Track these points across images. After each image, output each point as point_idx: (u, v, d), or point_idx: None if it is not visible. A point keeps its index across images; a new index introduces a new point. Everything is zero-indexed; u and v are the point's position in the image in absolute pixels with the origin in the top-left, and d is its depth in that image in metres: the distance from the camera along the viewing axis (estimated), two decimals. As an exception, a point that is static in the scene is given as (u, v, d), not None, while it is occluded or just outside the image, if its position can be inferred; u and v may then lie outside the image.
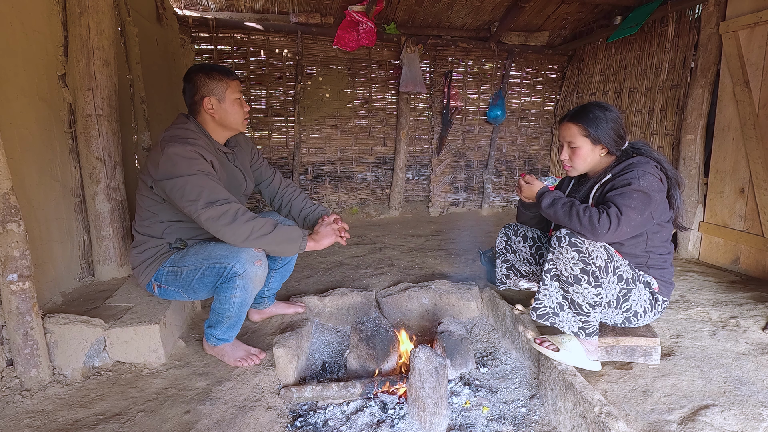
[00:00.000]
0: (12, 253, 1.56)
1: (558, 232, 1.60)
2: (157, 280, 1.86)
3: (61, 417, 1.52)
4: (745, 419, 1.47)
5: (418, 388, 1.57)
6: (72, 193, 2.21)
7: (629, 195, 1.55)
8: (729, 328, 2.09)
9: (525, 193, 1.83)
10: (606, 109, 1.70)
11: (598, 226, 1.51)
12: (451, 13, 4.34)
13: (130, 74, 2.82)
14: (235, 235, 1.65)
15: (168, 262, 1.85)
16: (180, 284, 1.82)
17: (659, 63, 3.67)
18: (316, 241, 1.82)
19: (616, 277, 1.60)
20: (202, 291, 1.82)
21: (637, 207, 1.53)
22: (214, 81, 1.79)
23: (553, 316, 1.68)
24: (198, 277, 1.77)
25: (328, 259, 3.22)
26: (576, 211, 1.57)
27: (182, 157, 1.67)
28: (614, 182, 1.63)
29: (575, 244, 1.54)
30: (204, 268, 1.75)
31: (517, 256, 2.10)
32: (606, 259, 1.56)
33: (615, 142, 1.70)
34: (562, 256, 1.56)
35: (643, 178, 1.58)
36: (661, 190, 1.61)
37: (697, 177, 3.22)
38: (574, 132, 1.72)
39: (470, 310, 2.45)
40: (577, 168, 1.77)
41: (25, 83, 1.90)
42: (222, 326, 1.82)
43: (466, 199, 5.10)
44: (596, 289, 1.56)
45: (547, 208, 1.69)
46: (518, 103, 5.04)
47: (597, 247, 1.55)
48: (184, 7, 3.99)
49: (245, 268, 1.70)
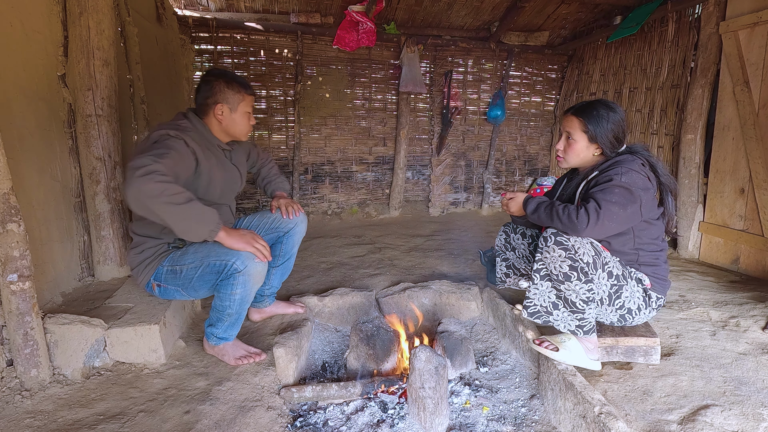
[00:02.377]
0: (12, 253, 1.56)
1: (545, 232, 1.63)
2: (157, 280, 1.86)
3: (61, 417, 1.52)
4: (745, 419, 1.47)
5: (418, 388, 1.57)
6: (72, 193, 2.21)
7: (610, 190, 1.57)
8: (729, 327, 2.09)
9: (512, 208, 1.86)
10: (612, 109, 1.70)
11: (576, 222, 1.54)
12: (451, 13, 4.33)
13: (130, 74, 2.82)
14: (142, 190, 1.49)
15: (167, 260, 1.84)
16: (180, 283, 1.82)
17: (659, 63, 3.67)
18: (228, 237, 1.68)
19: (606, 273, 1.62)
20: (202, 289, 1.82)
21: (619, 202, 1.55)
22: (232, 91, 1.82)
23: (546, 314, 1.69)
24: (198, 275, 1.77)
25: (328, 259, 3.22)
26: (555, 211, 1.61)
27: (159, 134, 1.69)
28: (598, 178, 1.65)
29: (561, 243, 1.56)
30: (204, 266, 1.75)
31: (516, 254, 2.11)
32: (593, 255, 1.58)
33: (611, 143, 1.71)
34: (549, 255, 1.59)
35: (626, 174, 1.59)
36: (647, 188, 1.62)
37: (697, 177, 3.22)
38: (575, 125, 1.74)
39: (470, 310, 2.45)
40: (569, 161, 1.80)
41: (25, 83, 1.90)
42: (222, 324, 1.81)
43: (466, 199, 5.10)
44: (587, 284, 1.57)
45: (531, 214, 1.73)
46: (518, 103, 5.04)
47: (583, 243, 1.56)
48: (184, 7, 3.99)
49: (245, 264, 1.69)
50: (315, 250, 3.47)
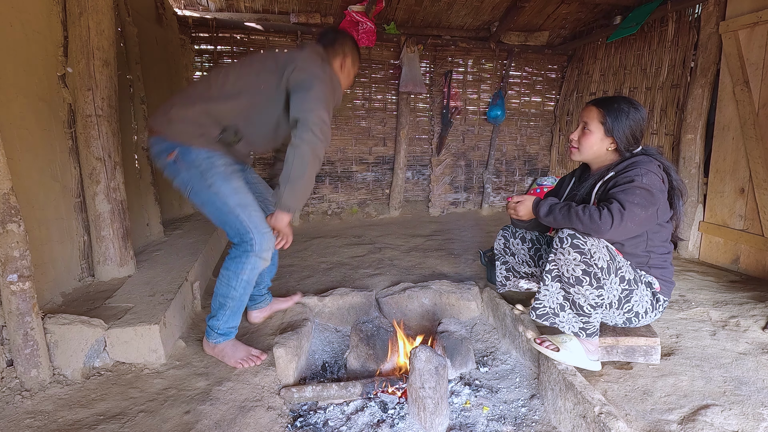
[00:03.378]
0: (12, 253, 1.56)
1: (560, 233, 1.59)
2: (182, 154, 1.73)
3: (61, 417, 1.52)
4: (746, 419, 1.47)
5: (418, 388, 1.57)
6: (72, 193, 2.21)
7: (632, 191, 1.54)
8: (729, 327, 2.09)
9: (521, 212, 1.81)
10: (634, 107, 1.67)
11: (600, 223, 1.50)
12: (450, 13, 4.33)
13: (130, 74, 2.82)
14: (319, 151, 1.69)
15: (206, 153, 1.73)
16: (198, 184, 1.74)
17: (659, 63, 3.67)
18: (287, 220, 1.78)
19: (618, 278, 1.60)
20: (210, 210, 1.78)
21: (641, 203, 1.53)
22: (354, 56, 2.03)
23: (553, 316, 1.68)
24: (219, 204, 1.73)
25: (328, 259, 3.22)
26: (575, 213, 1.57)
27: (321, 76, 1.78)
28: (617, 179, 1.62)
29: (577, 246, 1.53)
30: (230, 209, 1.72)
31: (516, 258, 2.09)
32: (608, 260, 1.55)
33: (627, 140, 1.67)
34: (564, 257, 1.56)
35: (646, 176, 1.57)
36: (662, 190, 1.61)
37: (697, 177, 3.22)
38: (594, 116, 1.71)
39: (470, 310, 2.45)
40: (582, 152, 1.76)
41: (25, 83, 1.90)
42: (224, 313, 1.81)
43: (466, 199, 5.10)
44: (598, 290, 1.56)
45: (545, 216, 1.69)
46: (518, 103, 5.04)
47: (599, 248, 1.54)
48: (184, 7, 3.99)
49: (261, 247, 1.71)
50: (315, 250, 3.47)
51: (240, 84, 1.79)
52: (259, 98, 1.79)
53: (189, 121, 1.75)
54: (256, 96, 1.79)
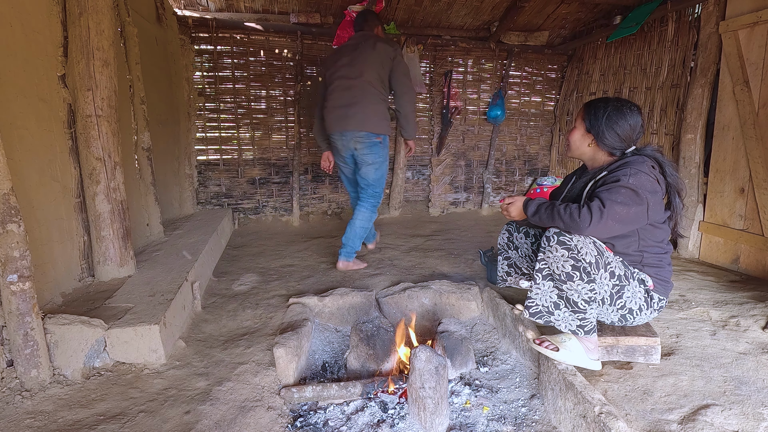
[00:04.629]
0: (12, 253, 1.56)
1: (547, 232, 1.63)
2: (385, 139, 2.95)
3: (61, 417, 1.52)
4: (746, 419, 1.47)
5: (418, 388, 1.57)
6: (72, 193, 2.21)
7: (616, 190, 1.57)
8: (729, 327, 2.09)
9: (513, 212, 1.85)
10: (617, 105, 1.69)
11: (579, 220, 1.54)
12: (450, 13, 4.33)
13: (129, 74, 2.82)
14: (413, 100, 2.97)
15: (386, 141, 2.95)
16: (382, 159, 2.93)
17: (659, 62, 3.67)
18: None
19: (608, 273, 1.62)
20: (378, 174, 2.96)
21: (624, 202, 1.54)
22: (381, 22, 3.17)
23: (547, 314, 1.69)
24: (382, 173, 2.96)
25: (329, 259, 3.22)
26: (557, 211, 1.61)
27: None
28: (605, 178, 1.65)
29: (564, 242, 1.56)
30: (382, 177, 2.99)
31: (519, 252, 2.11)
32: (596, 255, 1.57)
33: (610, 138, 1.69)
34: (552, 254, 1.58)
35: (635, 176, 1.58)
36: (655, 191, 1.61)
37: (697, 176, 3.22)
38: (581, 113, 1.78)
39: (470, 310, 2.45)
40: (570, 148, 1.84)
41: (24, 84, 1.90)
42: (358, 240, 2.94)
43: (466, 199, 5.10)
44: (590, 284, 1.57)
45: (532, 216, 1.73)
46: (518, 103, 5.04)
47: (586, 243, 1.56)
48: (184, 7, 3.99)
49: (381, 199, 3.04)
50: (315, 250, 3.47)
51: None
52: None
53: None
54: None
